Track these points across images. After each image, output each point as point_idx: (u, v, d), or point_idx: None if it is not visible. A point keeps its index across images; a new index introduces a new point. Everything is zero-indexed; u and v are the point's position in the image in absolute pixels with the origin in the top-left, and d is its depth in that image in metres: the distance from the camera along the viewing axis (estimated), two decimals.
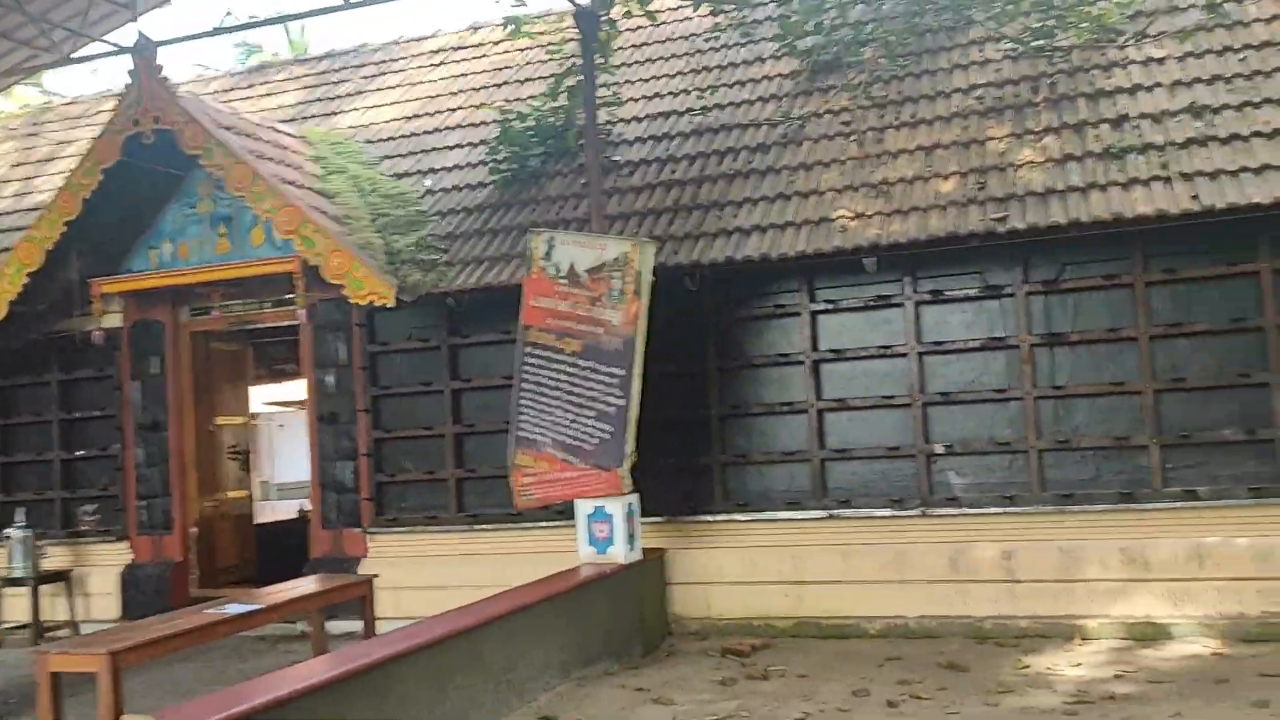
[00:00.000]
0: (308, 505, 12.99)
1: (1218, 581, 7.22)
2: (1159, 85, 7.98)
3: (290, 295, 9.90)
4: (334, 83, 12.87)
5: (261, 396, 15.65)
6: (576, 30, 10.28)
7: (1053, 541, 7.63)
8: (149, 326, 10.38)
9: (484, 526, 9.18)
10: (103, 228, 9.79)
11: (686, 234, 8.33)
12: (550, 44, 11.06)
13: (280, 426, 25.45)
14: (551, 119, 9.94)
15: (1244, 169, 7.02)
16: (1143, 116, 7.78)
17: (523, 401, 8.10)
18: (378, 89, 12.33)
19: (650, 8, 9.80)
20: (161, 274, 10.00)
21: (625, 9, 9.99)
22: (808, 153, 8.74)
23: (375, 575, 7.59)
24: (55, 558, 10.27)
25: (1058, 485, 7.75)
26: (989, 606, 7.64)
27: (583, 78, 9.72)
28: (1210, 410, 7.47)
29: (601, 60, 9.80)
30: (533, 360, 8.05)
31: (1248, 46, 7.99)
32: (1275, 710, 5.48)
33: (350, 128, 11.62)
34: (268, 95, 13.04)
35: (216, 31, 8.90)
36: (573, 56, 9.95)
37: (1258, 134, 7.24)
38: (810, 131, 8.97)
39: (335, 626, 8.16)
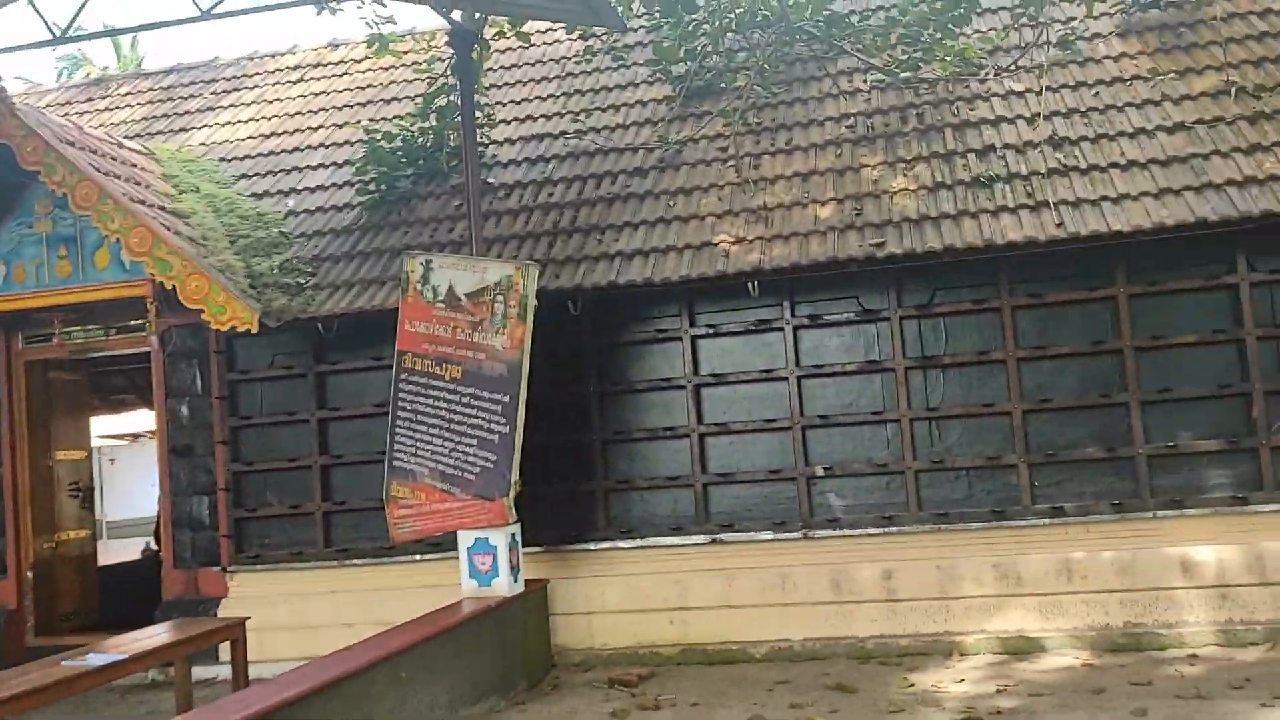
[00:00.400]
0: (153, 544, 12.30)
1: (1085, 594, 7.49)
2: (1020, 117, 8.32)
3: (139, 321, 9.35)
4: (182, 98, 12.25)
5: (95, 429, 14.67)
6: (447, 50, 10.13)
7: (930, 560, 7.79)
8: None
9: (354, 561, 8.78)
10: None
11: (567, 257, 8.20)
12: (417, 63, 10.83)
13: (111, 461, 24.00)
14: (420, 140, 9.68)
15: (1104, 198, 7.37)
16: (1007, 147, 8.09)
17: (399, 430, 7.79)
18: (231, 105, 11.79)
19: (522, 29, 9.71)
20: None
21: (498, 30, 9.88)
22: (686, 177, 8.75)
23: (247, 618, 7.12)
24: None
25: (934, 505, 7.92)
26: (871, 626, 7.73)
27: (454, 98, 9.57)
28: (1074, 429, 7.77)
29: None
30: (409, 387, 7.76)
31: (1099, 82, 8.42)
32: (1154, 718, 5.68)
33: (202, 145, 11.06)
34: (109, 110, 12.31)
35: (61, 39, 8.29)
36: (443, 77, 9.75)
37: (1114, 165, 7.61)
38: (687, 156, 8.99)
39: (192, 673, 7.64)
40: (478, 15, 8.66)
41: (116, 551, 14.16)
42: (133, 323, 9.41)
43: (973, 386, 7.97)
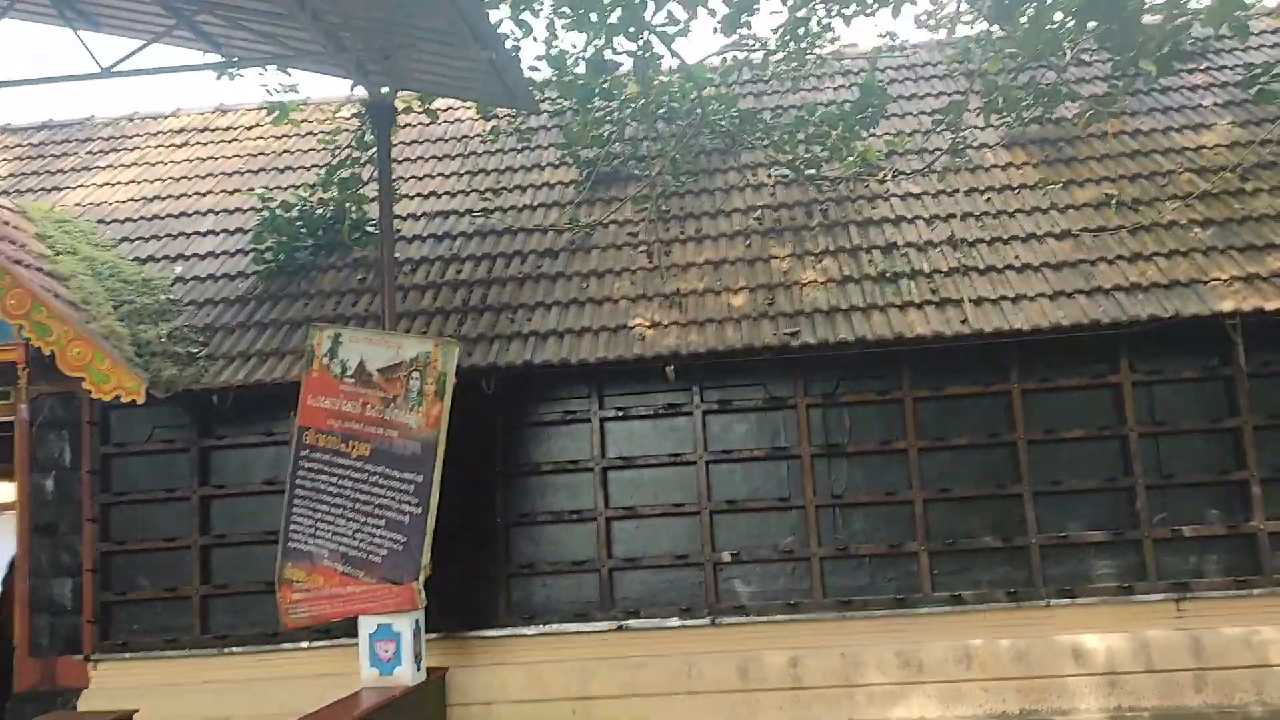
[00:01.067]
0: None
1: (983, 681, 7.66)
2: (920, 218, 8.71)
3: (3, 389, 8.70)
4: (55, 156, 11.65)
5: None
6: (351, 121, 10.01)
7: (835, 647, 7.84)
8: None
9: (235, 649, 8.26)
10: None
11: (479, 335, 8.08)
12: (312, 133, 10.64)
13: None
14: (320, 211, 9.44)
15: (1003, 297, 7.74)
16: (909, 245, 8.43)
17: (296, 509, 7.43)
18: (109, 166, 11.27)
19: (430, 106, 9.67)
20: None
21: (405, 105, 9.81)
22: (597, 260, 8.78)
23: (134, 711, 6.56)
24: None
25: (838, 592, 8.00)
26: (778, 714, 7.69)
27: (356, 170, 9.42)
28: (972, 519, 8.02)
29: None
30: (310, 464, 7.43)
31: (990, 189, 8.90)
32: None
33: (77, 205, 10.50)
34: None
35: None
36: (348, 148, 9.59)
37: (1010, 267, 8.02)
38: (597, 240, 9.04)
39: None
40: (385, 90, 8.59)
41: None
42: None
43: (875, 475, 8.15)
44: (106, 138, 11.84)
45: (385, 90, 8.04)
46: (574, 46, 9.63)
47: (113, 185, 10.84)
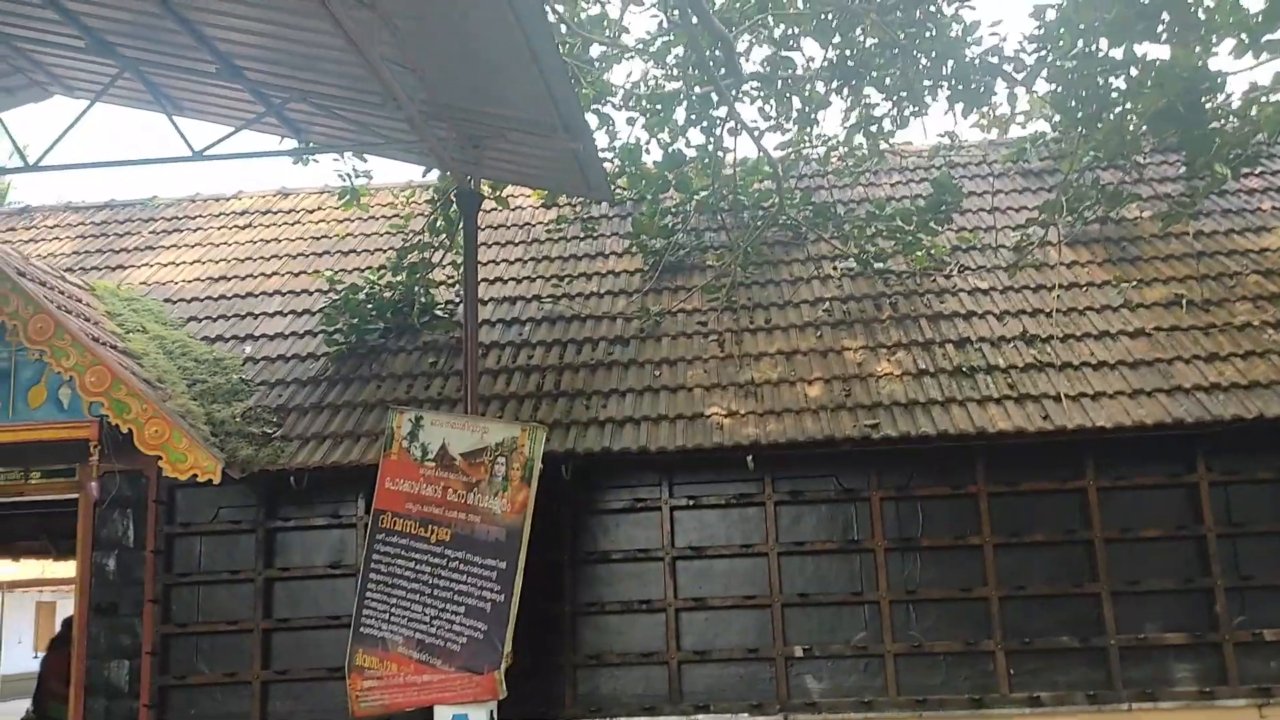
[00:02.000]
0: (33, 712, 11.09)
1: None
2: (990, 313, 8.77)
3: (65, 466, 8.68)
4: (118, 235, 11.82)
5: None
6: (424, 206, 10.17)
7: None
8: None
9: None
10: None
11: (555, 421, 8.08)
12: (384, 217, 10.81)
13: None
14: (388, 293, 9.54)
15: (1083, 394, 7.76)
16: (982, 340, 8.48)
17: (370, 594, 7.36)
18: (174, 246, 11.42)
19: (502, 194, 9.84)
20: None
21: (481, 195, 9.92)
22: (669, 349, 8.84)
23: None
24: None
25: (912, 690, 7.85)
26: None
27: (427, 255, 9.54)
28: (1048, 617, 7.91)
29: (446, 240, 9.66)
30: (386, 549, 7.38)
31: (1058, 285, 8.99)
32: None
33: (142, 284, 10.61)
34: (34, 242, 11.74)
35: (33, 168, 7.92)
36: (419, 233, 9.72)
37: (1086, 364, 8.06)
38: (667, 328, 9.10)
39: None
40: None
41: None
42: (58, 467, 8.73)
43: (949, 570, 8.06)
44: (169, 218, 12.02)
45: (461, 178, 8.19)
46: (637, 140, 9.73)
47: (177, 265, 10.97)
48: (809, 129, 9.17)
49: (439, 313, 9.50)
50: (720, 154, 9.65)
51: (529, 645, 8.01)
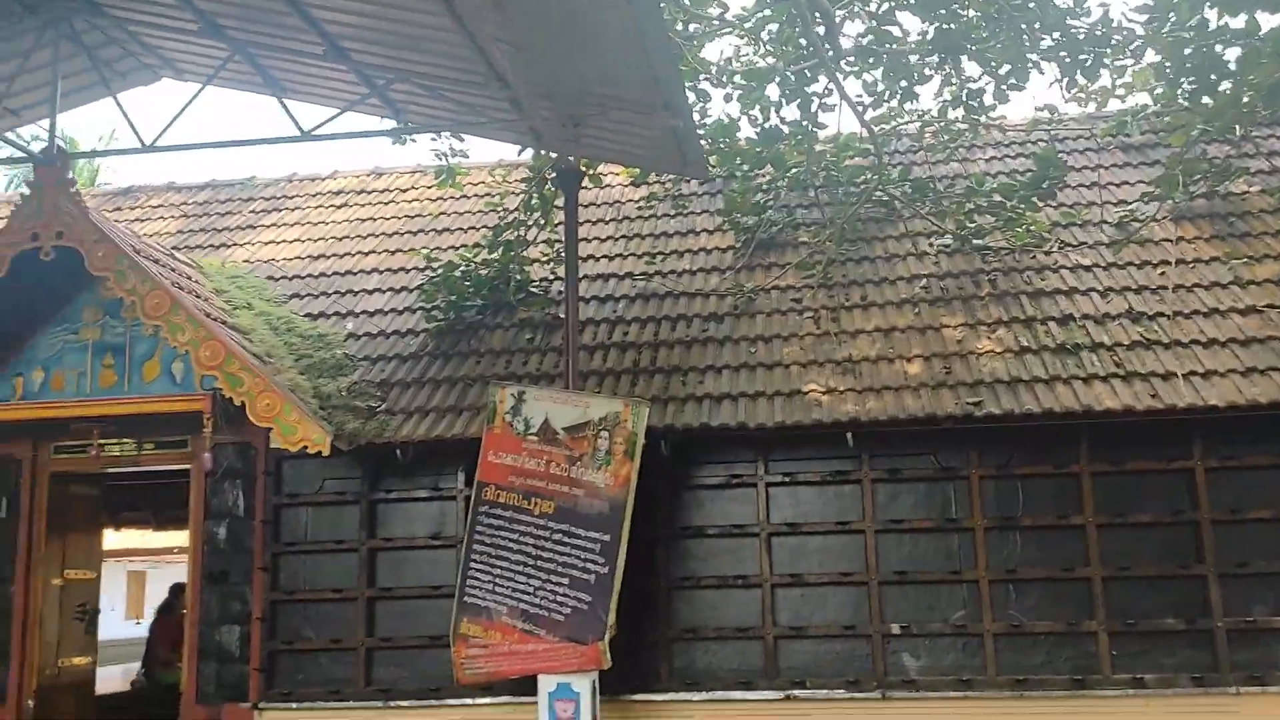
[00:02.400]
0: (143, 675, 11.57)
1: None
2: (1094, 290, 8.63)
3: (177, 437, 8.99)
4: (219, 214, 12.14)
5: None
6: (518, 185, 10.28)
7: None
8: (2, 464, 9.07)
9: (399, 703, 8.30)
10: None
11: (653, 397, 8.14)
12: (477, 195, 10.95)
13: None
14: (484, 271, 9.67)
15: (1192, 373, 7.60)
16: (1086, 317, 8.35)
17: (474, 564, 7.53)
18: (274, 225, 11.70)
19: (596, 172, 9.90)
20: (30, 405, 8.81)
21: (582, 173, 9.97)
22: (764, 326, 8.84)
23: None
24: None
25: (1012, 669, 7.80)
26: None
27: (522, 232, 9.65)
28: (1153, 599, 7.79)
29: (540, 218, 9.75)
30: (489, 520, 7.54)
31: (1163, 262, 8.80)
32: None
33: (245, 262, 10.90)
34: (140, 221, 12.10)
35: (149, 149, 8.18)
36: (514, 210, 9.84)
37: (1195, 342, 7.89)
38: (761, 305, 9.10)
39: None
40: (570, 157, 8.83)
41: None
42: (170, 439, 9.05)
43: (1051, 550, 7.97)
44: (268, 197, 12.32)
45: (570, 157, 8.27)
46: (730, 117, 9.71)
47: (278, 243, 11.25)
48: (907, 103, 9.06)
49: (533, 290, 9.61)
50: (814, 130, 9.59)
51: (624, 619, 8.12)
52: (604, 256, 10.22)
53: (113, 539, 16.49)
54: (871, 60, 8.78)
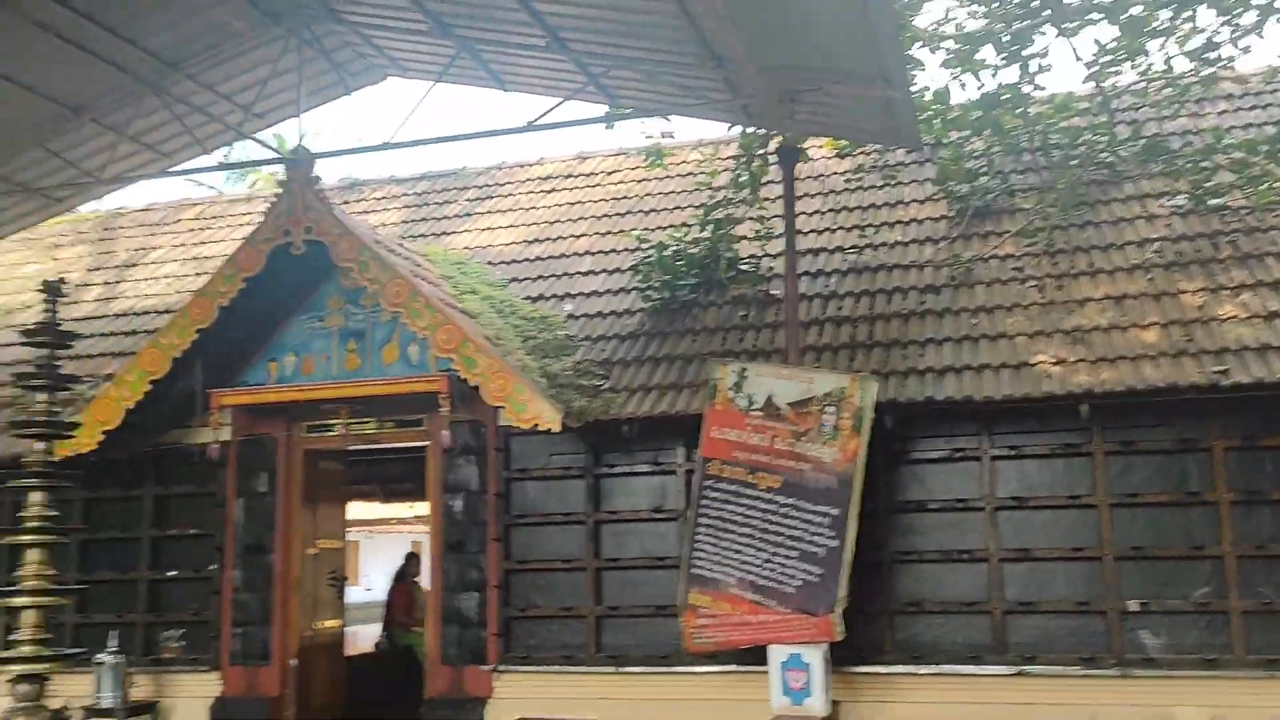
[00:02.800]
0: (384, 639, 12.38)
1: None
2: None
3: (413, 416, 9.56)
4: (437, 204, 12.76)
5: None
6: (727, 163, 10.38)
7: (1262, 709, 7.30)
8: (260, 442, 9.85)
9: (630, 669, 8.62)
10: (220, 338, 9.39)
11: (873, 371, 8.13)
12: (679, 175, 11.13)
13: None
14: (694, 249, 9.84)
15: None
16: None
17: (700, 537, 7.74)
18: (488, 212, 12.23)
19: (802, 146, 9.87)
20: (283, 388, 9.56)
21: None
22: (985, 296, 8.68)
23: None
24: (137, 686, 9.48)
25: (1263, 649, 7.45)
26: None
27: (731, 210, 9.74)
28: None
29: (749, 196, 9.82)
30: (715, 494, 7.72)
31: None
32: None
33: (465, 249, 11.44)
34: (366, 213, 12.84)
35: (384, 146, 8.74)
36: (724, 189, 9.95)
37: None
38: (981, 275, 8.93)
39: None
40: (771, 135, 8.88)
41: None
42: (408, 418, 9.62)
43: None
44: (480, 185, 12.85)
45: (781, 135, 8.31)
46: (945, 84, 9.50)
47: (494, 229, 11.75)
48: (1134, 59, 8.66)
49: (744, 267, 9.71)
50: (1030, 92, 9.28)
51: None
52: (812, 231, 10.22)
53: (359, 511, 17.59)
54: (1097, 16, 8.42)
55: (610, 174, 12.33)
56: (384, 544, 23.69)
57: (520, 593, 9.09)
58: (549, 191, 12.34)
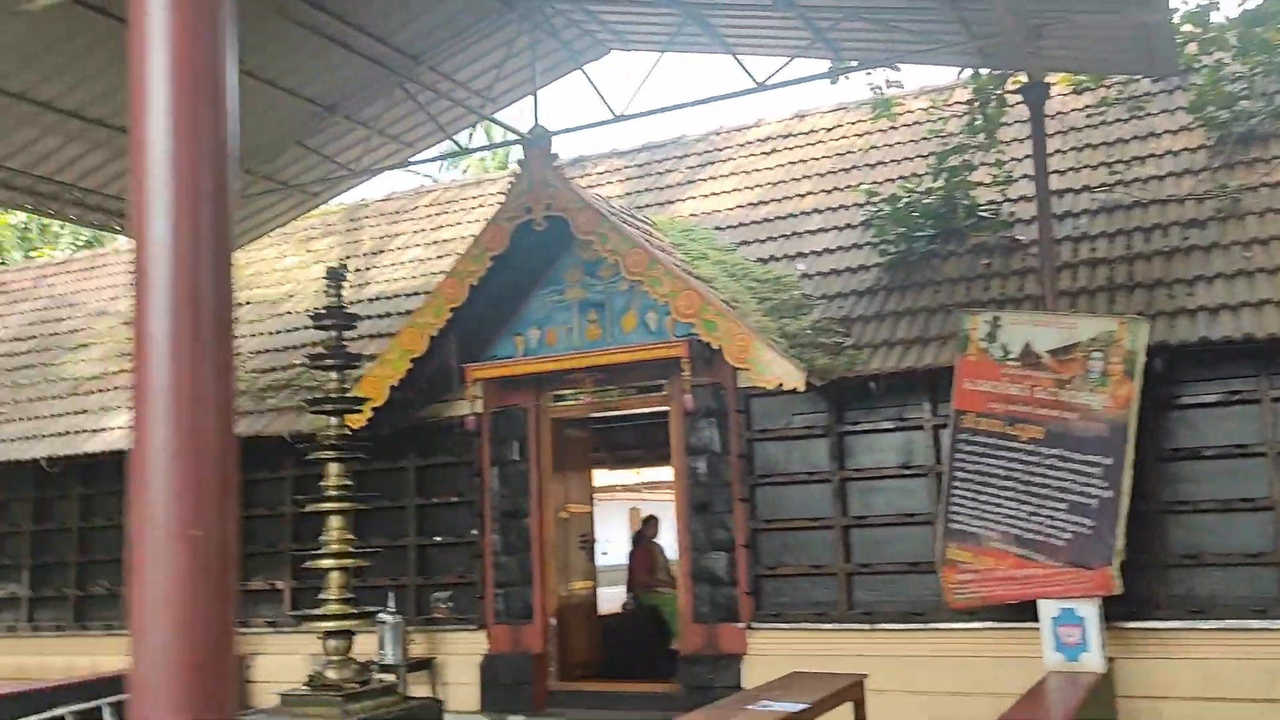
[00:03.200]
0: (630, 600, 12.78)
1: None
2: None
3: (652, 382, 9.78)
4: (659, 173, 12.93)
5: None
6: (957, 109, 10.07)
7: None
8: (510, 413, 10.35)
9: (884, 625, 8.59)
10: (469, 316, 9.86)
11: (1138, 313, 7.74)
12: (916, 124, 10.86)
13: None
14: (928, 200, 9.60)
15: None
16: None
17: (957, 492, 7.59)
18: (709, 178, 12.29)
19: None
20: (531, 360, 9.99)
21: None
22: (1257, 228, 8.09)
23: (864, 676, 7.03)
24: (414, 644, 10.18)
25: None
26: None
27: (966, 157, 9.44)
28: None
29: (985, 140, 9.48)
30: (970, 448, 7.56)
31: None
32: None
33: (691, 216, 11.56)
34: (592, 188, 13.14)
35: (619, 119, 8.96)
36: (958, 134, 9.66)
37: None
38: (1250, 205, 8.32)
39: None
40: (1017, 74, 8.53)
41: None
42: (649, 383, 9.86)
43: None
44: (700, 152, 12.93)
45: (1017, 73, 7.99)
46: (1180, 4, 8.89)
47: (717, 195, 11.81)
48: None
49: (983, 214, 9.41)
50: None
51: None
52: (1055, 171, 9.73)
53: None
54: None
55: (830, 130, 12.15)
56: (609, 510, 24.41)
57: (769, 551, 9.19)
58: (769, 153, 12.28)
